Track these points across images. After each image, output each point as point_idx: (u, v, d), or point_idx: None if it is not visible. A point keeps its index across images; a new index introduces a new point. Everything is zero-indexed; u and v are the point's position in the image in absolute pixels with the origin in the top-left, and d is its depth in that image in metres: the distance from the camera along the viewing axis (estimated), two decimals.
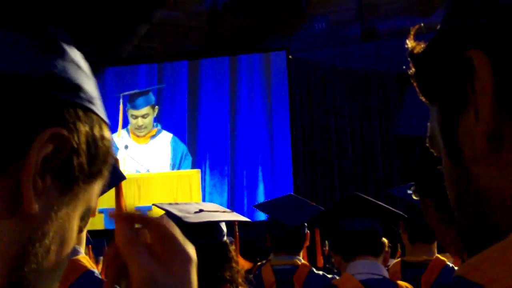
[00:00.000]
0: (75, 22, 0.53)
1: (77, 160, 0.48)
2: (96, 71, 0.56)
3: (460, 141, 0.46)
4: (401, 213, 2.39)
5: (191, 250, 0.60)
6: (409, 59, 0.50)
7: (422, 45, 0.49)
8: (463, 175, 0.46)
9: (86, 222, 1.77)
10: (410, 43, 0.50)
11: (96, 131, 0.51)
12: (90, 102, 0.51)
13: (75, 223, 0.52)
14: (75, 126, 0.48)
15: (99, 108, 0.52)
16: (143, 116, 9.82)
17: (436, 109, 0.49)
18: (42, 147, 0.45)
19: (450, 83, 0.46)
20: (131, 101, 9.88)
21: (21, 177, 0.45)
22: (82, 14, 0.54)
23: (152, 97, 9.87)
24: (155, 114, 9.87)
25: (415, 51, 0.50)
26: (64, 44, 0.51)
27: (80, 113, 0.49)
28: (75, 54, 0.52)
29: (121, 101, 9.84)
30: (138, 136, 9.80)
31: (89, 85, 0.52)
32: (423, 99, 0.51)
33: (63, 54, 0.50)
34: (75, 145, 0.48)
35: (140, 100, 9.84)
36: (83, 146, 0.49)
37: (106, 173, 0.54)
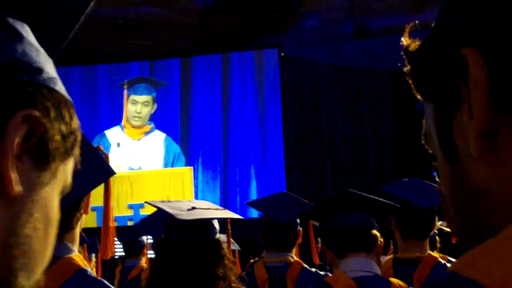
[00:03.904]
0: (26, 6, 0.54)
1: (51, 138, 0.50)
2: (51, 55, 0.57)
3: (455, 139, 0.46)
4: (393, 203, 2.38)
5: None
6: (404, 56, 0.50)
7: (417, 43, 0.50)
8: (458, 172, 0.47)
9: (78, 219, 1.75)
10: (405, 41, 0.50)
11: (63, 109, 0.52)
12: (53, 82, 0.52)
13: (56, 201, 0.53)
14: (44, 105, 0.49)
15: (61, 87, 0.54)
16: (144, 103, 9.79)
17: (431, 107, 0.49)
18: (17, 130, 0.46)
19: (445, 80, 0.46)
20: (133, 87, 9.88)
21: (0, 160, 0.45)
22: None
23: (153, 89, 9.87)
24: (153, 110, 9.86)
25: (410, 49, 0.50)
26: (20, 28, 0.51)
27: (46, 93, 0.50)
28: (31, 37, 0.52)
29: (125, 87, 9.85)
30: (132, 127, 9.76)
31: (49, 65, 0.53)
32: (418, 96, 0.51)
33: (21, 38, 0.51)
34: (48, 124, 0.49)
35: (143, 86, 9.87)
36: (55, 124, 0.50)
37: (77, 150, 0.55)
